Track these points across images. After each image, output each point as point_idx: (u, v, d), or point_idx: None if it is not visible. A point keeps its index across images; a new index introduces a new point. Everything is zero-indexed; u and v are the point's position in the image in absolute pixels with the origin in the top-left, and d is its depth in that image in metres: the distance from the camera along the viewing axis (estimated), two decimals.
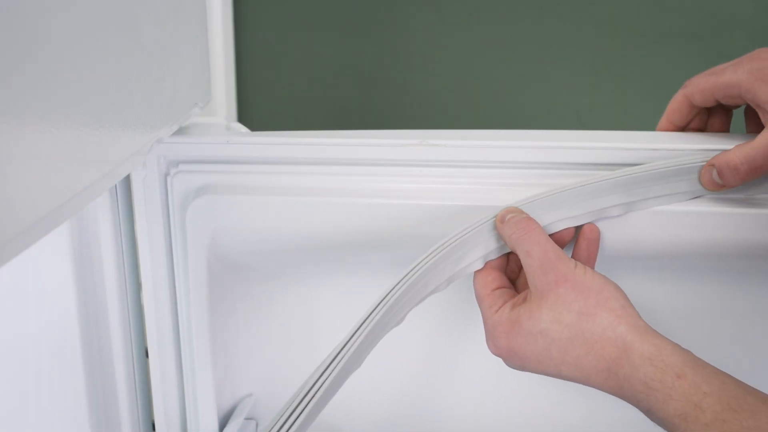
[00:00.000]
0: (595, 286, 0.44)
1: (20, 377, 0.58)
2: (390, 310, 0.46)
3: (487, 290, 0.48)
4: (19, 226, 0.31)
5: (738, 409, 0.37)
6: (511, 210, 0.48)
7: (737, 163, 0.46)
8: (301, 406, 0.43)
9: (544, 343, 0.44)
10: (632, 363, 0.41)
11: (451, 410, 0.64)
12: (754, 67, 0.46)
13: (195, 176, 0.54)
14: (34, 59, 0.31)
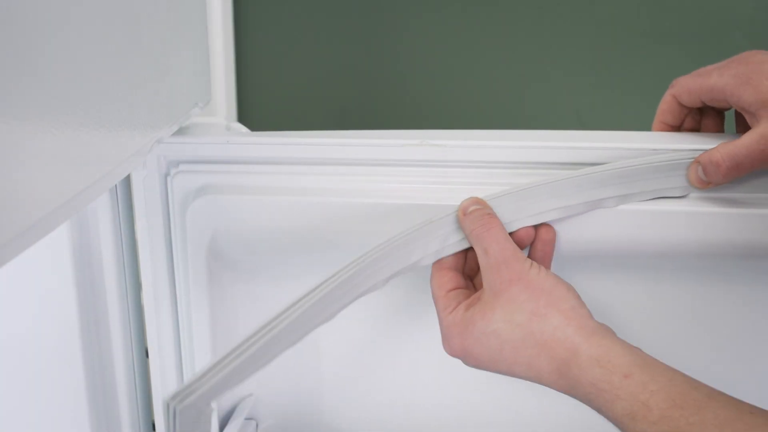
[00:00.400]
0: (547, 286, 0.45)
1: (20, 377, 0.58)
2: (333, 294, 0.46)
3: (442, 291, 0.49)
4: (19, 226, 0.31)
5: (684, 405, 0.37)
6: (475, 201, 0.48)
7: (719, 159, 0.46)
8: (233, 357, 0.44)
9: (497, 343, 0.44)
10: (580, 365, 0.41)
11: (452, 411, 0.64)
12: (740, 71, 0.46)
13: (195, 176, 0.54)
14: (34, 59, 0.31)
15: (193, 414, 0.44)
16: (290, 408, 0.65)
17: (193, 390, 0.44)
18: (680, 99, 0.51)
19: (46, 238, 0.35)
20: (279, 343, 0.46)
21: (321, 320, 0.47)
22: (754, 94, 0.45)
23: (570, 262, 0.51)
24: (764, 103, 0.45)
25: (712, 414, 0.37)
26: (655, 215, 0.49)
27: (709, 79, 0.48)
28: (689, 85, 0.50)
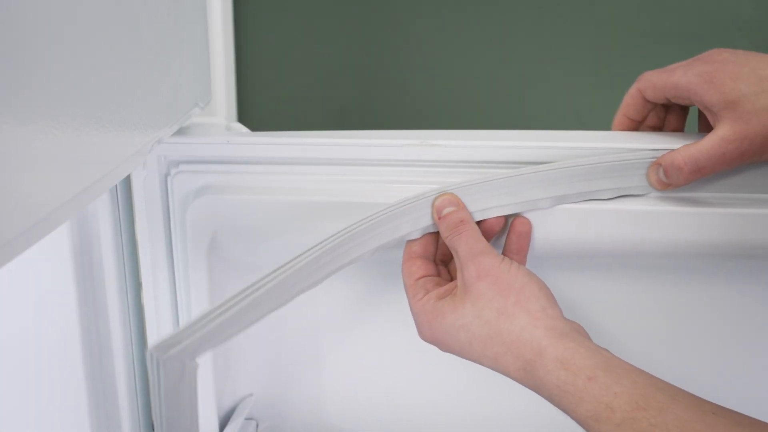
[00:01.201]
0: (517, 284, 0.45)
1: (20, 377, 0.58)
2: (319, 261, 0.47)
3: (411, 280, 0.49)
4: (19, 226, 0.31)
5: (647, 407, 0.38)
6: (447, 200, 0.49)
7: (681, 163, 0.46)
8: (215, 315, 0.45)
9: (466, 336, 0.45)
10: (545, 366, 0.42)
11: (452, 411, 0.64)
12: (704, 70, 0.46)
13: (195, 176, 0.54)
14: (34, 59, 0.31)
15: (177, 367, 0.45)
16: (290, 408, 0.65)
17: (177, 341, 0.44)
18: (645, 94, 0.51)
19: (47, 238, 0.35)
20: (265, 303, 0.46)
21: (308, 285, 0.48)
22: (716, 94, 0.45)
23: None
24: (726, 104, 0.45)
25: (673, 415, 0.37)
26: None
27: (673, 76, 0.48)
28: (655, 80, 0.50)
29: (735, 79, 0.45)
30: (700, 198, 0.50)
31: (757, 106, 0.44)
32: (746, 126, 0.44)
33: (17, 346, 0.57)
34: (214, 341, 0.46)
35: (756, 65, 0.45)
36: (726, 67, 0.45)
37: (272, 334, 0.62)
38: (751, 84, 0.44)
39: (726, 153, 0.45)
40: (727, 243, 0.49)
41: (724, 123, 0.45)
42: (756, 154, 0.45)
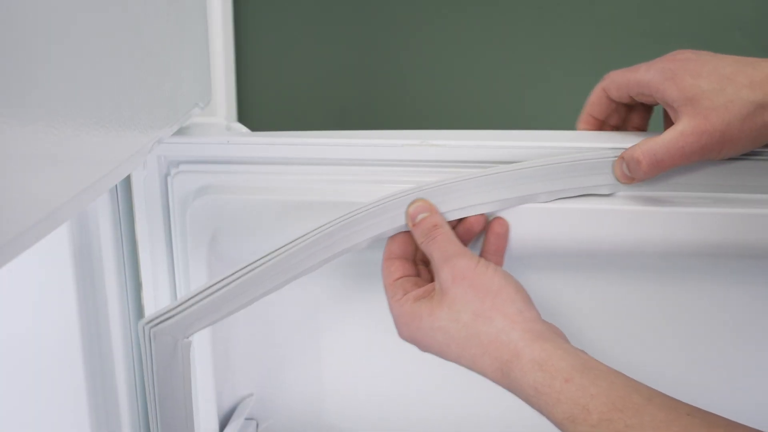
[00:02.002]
0: (494, 287, 0.45)
1: (20, 377, 0.58)
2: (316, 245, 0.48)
3: (389, 280, 0.49)
4: (20, 227, 0.31)
5: (623, 408, 0.38)
6: (420, 206, 0.49)
7: (639, 156, 0.47)
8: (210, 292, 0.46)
9: (443, 338, 0.45)
10: (522, 368, 0.42)
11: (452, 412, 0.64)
12: (666, 67, 0.47)
13: (195, 176, 0.54)
14: (34, 59, 0.31)
15: (169, 343, 0.45)
16: (290, 408, 0.65)
17: (169, 316, 0.45)
18: (609, 93, 0.52)
19: (47, 238, 0.35)
20: (259, 285, 0.47)
21: (302, 270, 0.48)
22: (676, 90, 0.46)
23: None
24: (686, 99, 0.45)
25: (649, 417, 0.37)
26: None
27: (636, 73, 0.49)
28: (619, 79, 0.50)
29: (695, 76, 0.45)
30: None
31: (717, 103, 0.44)
32: (705, 121, 0.44)
33: (17, 346, 0.57)
34: (207, 319, 0.46)
35: (717, 64, 0.45)
36: (687, 65, 0.46)
37: (272, 334, 0.62)
38: (712, 81, 0.45)
39: (684, 147, 0.45)
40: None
41: (684, 118, 0.45)
42: (714, 149, 0.45)
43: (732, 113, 0.44)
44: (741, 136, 0.45)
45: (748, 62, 0.45)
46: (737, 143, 0.45)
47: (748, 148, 0.46)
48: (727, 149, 0.46)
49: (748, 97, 0.44)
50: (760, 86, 0.44)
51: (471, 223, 0.50)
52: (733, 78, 0.44)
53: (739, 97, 0.44)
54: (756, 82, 0.44)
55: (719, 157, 0.47)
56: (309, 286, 0.60)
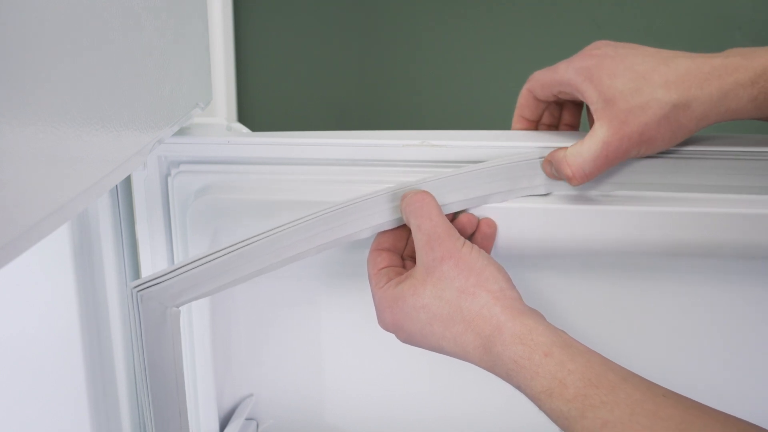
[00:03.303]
0: (478, 266, 0.46)
1: (21, 377, 0.58)
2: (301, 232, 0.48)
3: (374, 269, 0.50)
4: (20, 227, 0.31)
5: (599, 384, 0.39)
6: (412, 190, 0.49)
7: (569, 174, 0.47)
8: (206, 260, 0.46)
9: (426, 317, 0.46)
10: (504, 342, 0.43)
11: (452, 412, 0.64)
12: (583, 66, 0.47)
13: (196, 176, 0.54)
14: (35, 60, 0.31)
15: (157, 310, 0.45)
16: (290, 408, 0.65)
17: (157, 282, 0.45)
18: (535, 93, 0.52)
19: (47, 238, 0.35)
20: (252, 261, 0.47)
21: (296, 253, 0.48)
22: (594, 91, 0.46)
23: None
24: (604, 101, 0.45)
25: (624, 394, 0.38)
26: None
27: (557, 73, 0.49)
28: (542, 79, 0.51)
29: (612, 75, 0.45)
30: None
31: (633, 104, 0.45)
32: (624, 125, 0.45)
33: (17, 346, 0.57)
34: (197, 290, 0.46)
35: (633, 60, 0.46)
36: (604, 62, 0.46)
37: (272, 334, 0.62)
38: (628, 80, 0.45)
39: (609, 155, 0.46)
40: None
41: (603, 123, 0.46)
42: (633, 150, 0.46)
43: (648, 115, 0.44)
44: (657, 136, 0.45)
45: (663, 59, 0.45)
46: (654, 143, 0.46)
47: (665, 146, 0.47)
48: (645, 148, 0.46)
49: (664, 97, 0.44)
50: (675, 86, 0.44)
51: (463, 223, 0.50)
52: (649, 77, 0.45)
53: (654, 98, 0.44)
54: (671, 81, 0.44)
55: (638, 155, 0.47)
56: (309, 286, 0.60)
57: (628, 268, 0.56)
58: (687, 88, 0.44)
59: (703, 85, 0.44)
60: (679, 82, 0.44)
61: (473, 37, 1.18)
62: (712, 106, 0.44)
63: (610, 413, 0.38)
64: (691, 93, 0.44)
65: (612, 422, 0.37)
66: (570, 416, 0.39)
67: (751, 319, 0.57)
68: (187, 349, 0.60)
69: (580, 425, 0.38)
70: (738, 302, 0.56)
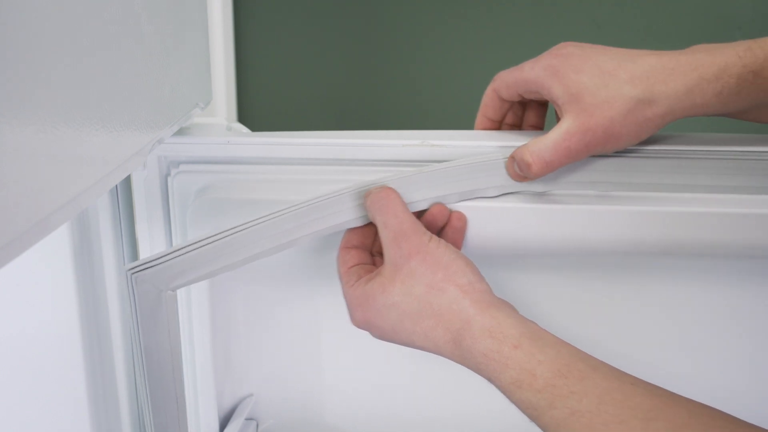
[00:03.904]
0: (445, 260, 0.46)
1: (21, 377, 0.58)
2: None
3: (344, 267, 0.50)
4: (20, 227, 0.31)
5: (568, 375, 0.39)
6: (377, 186, 0.49)
7: (529, 160, 0.47)
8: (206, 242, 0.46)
9: (397, 315, 0.46)
10: (473, 335, 0.43)
11: (453, 412, 0.64)
12: (549, 64, 0.47)
13: (196, 176, 0.54)
14: (35, 59, 0.31)
15: (152, 293, 0.46)
16: (290, 408, 0.65)
17: (152, 265, 0.45)
18: (500, 93, 0.52)
19: (47, 238, 0.35)
20: (247, 246, 0.48)
21: (291, 240, 0.48)
22: (560, 87, 0.46)
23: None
24: (570, 96, 0.46)
25: (593, 383, 0.38)
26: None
27: (523, 72, 0.49)
28: (507, 78, 0.51)
29: (578, 72, 0.46)
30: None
31: (598, 99, 0.45)
32: (589, 118, 0.45)
33: (17, 346, 0.57)
34: (192, 273, 0.47)
35: (599, 59, 0.46)
36: (570, 60, 0.46)
37: (272, 334, 0.62)
38: (593, 76, 0.45)
39: (570, 146, 0.46)
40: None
41: (568, 116, 0.46)
42: (599, 145, 0.46)
43: (614, 109, 0.45)
44: (623, 131, 0.46)
45: (629, 56, 0.46)
46: (620, 138, 0.46)
47: (632, 142, 0.47)
48: (611, 144, 0.46)
49: (629, 92, 0.44)
50: (640, 81, 0.44)
51: (434, 215, 0.50)
52: (615, 73, 0.45)
53: (620, 93, 0.44)
54: (636, 77, 0.45)
55: (604, 151, 0.48)
56: (309, 286, 0.60)
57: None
58: (652, 84, 0.44)
59: (668, 80, 0.44)
60: (645, 78, 0.44)
61: (473, 37, 1.18)
62: (677, 101, 0.44)
63: (578, 403, 0.38)
64: (656, 88, 0.44)
65: (580, 411, 0.38)
66: (539, 406, 0.39)
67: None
68: (187, 350, 0.60)
69: (548, 415, 0.39)
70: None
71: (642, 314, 0.58)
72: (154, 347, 0.47)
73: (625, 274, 0.57)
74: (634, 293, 0.57)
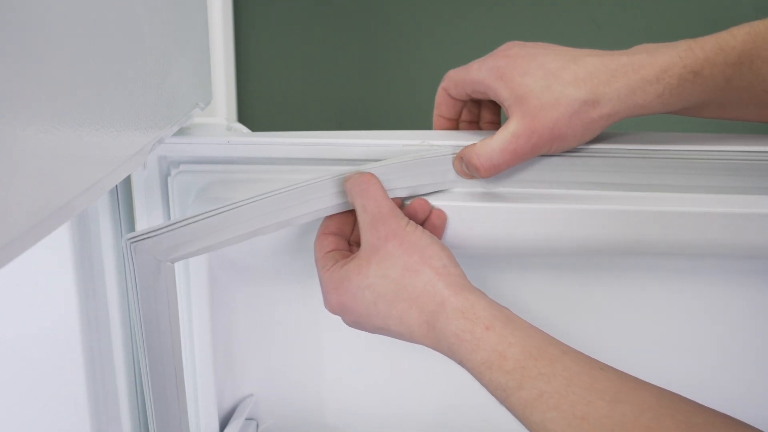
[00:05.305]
0: (422, 244, 0.46)
1: (21, 377, 0.58)
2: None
3: (321, 253, 0.50)
4: (20, 227, 0.31)
5: (538, 357, 0.40)
6: (357, 172, 0.50)
7: (477, 163, 0.48)
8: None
9: (372, 296, 0.46)
10: (447, 316, 0.43)
11: (453, 412, 0.64)
12: (495, 65, 0.47)
13: (196, 176, 0.54)
14: (35, 59, 0.31)
15: (150, 262, 0.46)
16: (290, 408, 0.65)
17: (151, 236, 0.46)
18: (450, 92, 0.52)
19: (47, 238, 0.35)
20: (246, 221, 0.48)
21: (290, 218, 0.49)
22: (506, 89, 0.47)
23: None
24: (515, 99, 0.46)
25: (562, 366, 0.39)
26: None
27: (470, 72, 0.49)
28: (455, 78, 0.51)
29: (523, 74, 0.46)
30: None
31: (543, 101, 0.45)
32: (534, 121, 0.46)
33: (17, 346, 0.57)
34: (191, 246, 0.47)
35: (544, 59, 0.46)
36: (516, 62, 0.47)
37: (272, 334, 0.62)
38: (538, 78, 0.46)
39: (517, 149, 0.47)
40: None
41: (514, 118, 0.46)
42: (545, 146, 0.47)
43: (559, 111, 0.45)
44: (569, 132, 0.46)
45: (573, 57, 0.46)
46: (566, 139, 0.47)
47: (576, 143, 0.48)
48: (557, 145, 0.47)
49: (573, 94, 0.45)
50: (584, 83, 0.45)
51: (415, 208, 0.51)
52: (559, 74, 0.45)
53: (564, 95, 0.45)
54: (580, 78, 0.45)
55: (551, 152, 0.48)
56: (309, 286, 0.60)
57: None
58: (596, 85, 0.45)
59: (611, 81, 0.45)
60: (588, 80, 0.45)
61: (473, 37, 1.18)
62: (620, 102, 0.45)
63: (546, 384, 0.38)
64: (599, 90, 0.45)
65: (548, 392, 0.38)
66: (508, 387, 0.40)
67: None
68: (187, 350, 0.60)
69: (517, 396, 0.39)
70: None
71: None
72: (154, 319, 0.47)
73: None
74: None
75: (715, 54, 0.44)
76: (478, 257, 0.56)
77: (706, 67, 0.44)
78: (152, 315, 0.47)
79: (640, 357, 0.59)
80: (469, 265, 0.49)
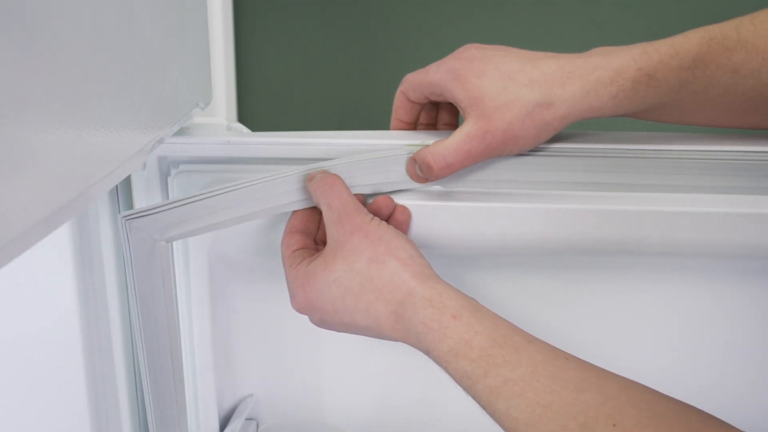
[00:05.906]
0: (387, 236, 0.46)
1: (21, 377, 0.58)
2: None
3: (288, 251, 0.50)
4: (19, 228, 0.31)
5: (504, 345, 0.40)
6: (320, 171, 0.50)
7: (430, 161, 0.48)
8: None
9: (338, 291, 0.46)
10: (414, 305, 0.43)
11: (453, 412, 0.64)
12: (452, 67, 0.48)
13: (196, 176, 0.54)
14: (35, 59, 0.31)
15: (146, 241, 0.47)
16: (290, 408, 0.65)
17: (146, 214, 0.46)
18: (408, 95, 0.53)
19: (47, 238, 0.35)
20: (241, 204, 0.48)
21: (285, 203, 0.50)
22: (462, 91, 0.47)
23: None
24: (471, 100, 0.46)
25: (527, 355, 0.40)
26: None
27: (427, 75, 0.49)
28: (413, 80, 0.51)
29: (479, 75, 0.46)
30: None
31: (498, 102, 0.45)
32: (488, 122, 0.46)
33: (17, 346, 0.57)
34: (186, 226, 0.48)
35: (500, 61, 0.46)
36: (472, 63, 0.47)
37: (272, 334, 0.62)
38: (494, 80, 0.46)
39: (471, 149, 0.47)
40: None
41: (469, 119, 0.47)
42: (498, 148, 0.47)
43: (513, 112, 0.45)
44: (522, 134, 0.46)
45: (529, 59, 0.46)
46: (519, 141, 0.47)
47: (531, 144, 0.48)
48: (510, 147, 0.47)
49: (527, 95, 0.45)
50: (539, 85, 0.45)
51: (379, 204, 0.51)
52: (514, 76, 0.46)
53: (518, 96, 0.45)
54: (535, 80, 0.45)
55: (504, 154, 0.48)
56: None
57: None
58: (550, 87, 0.45)
59: (565, 83, 0.45)
60: (543, 82, 0.45)
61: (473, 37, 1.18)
62: (575, 104, 0.45)
63: (512, 372, 0.39)
64: (553, 92, 0.45)
65: (513, 380, 0.38)
66: (473, 375, 0.40)
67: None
68: (187, 350, 0.60)
69: (482, 384, 0.39)
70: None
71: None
72: (149, 296, 0.48)
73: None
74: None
75: (669, 57, 0.44)
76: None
77: (660, 70, 0.44)
78: (147, 293, 0.48)
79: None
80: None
